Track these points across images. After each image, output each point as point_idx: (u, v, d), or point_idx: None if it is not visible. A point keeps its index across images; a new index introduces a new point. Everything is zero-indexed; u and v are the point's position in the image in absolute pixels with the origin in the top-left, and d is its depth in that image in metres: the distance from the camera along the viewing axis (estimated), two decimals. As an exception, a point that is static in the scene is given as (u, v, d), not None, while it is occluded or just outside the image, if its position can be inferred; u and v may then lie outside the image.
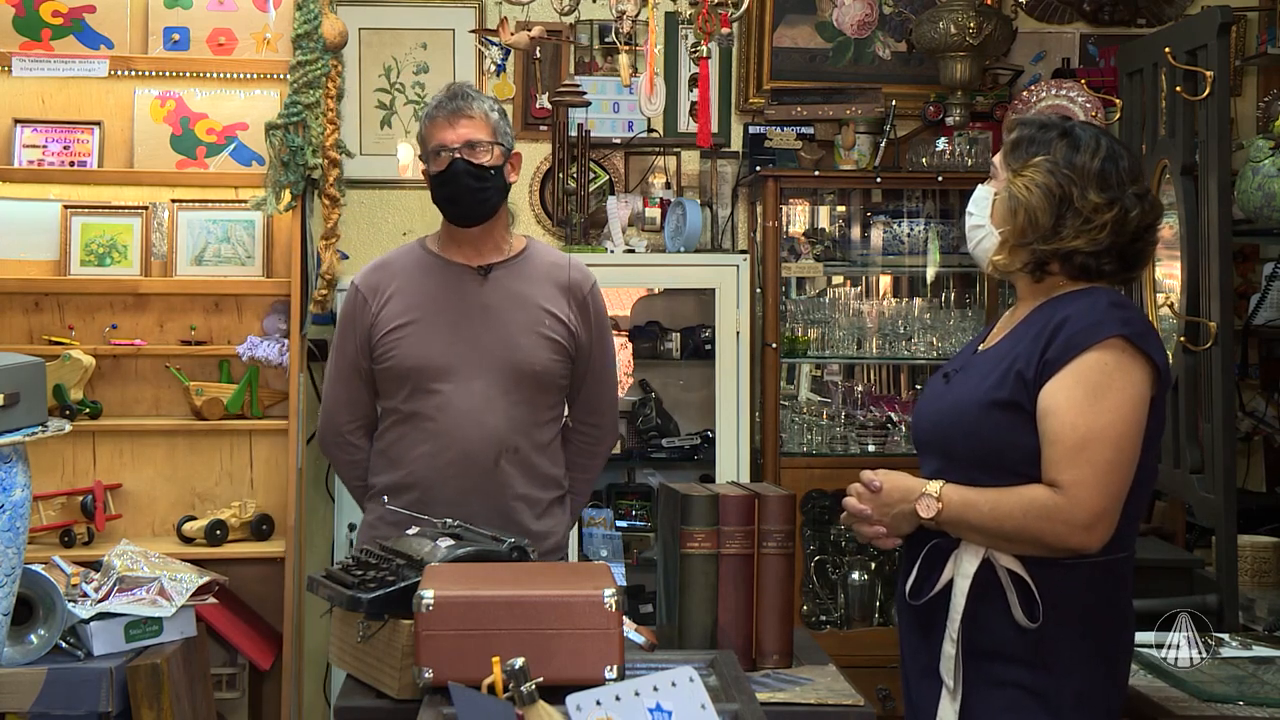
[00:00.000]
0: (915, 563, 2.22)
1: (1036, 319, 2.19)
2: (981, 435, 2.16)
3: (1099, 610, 2.14)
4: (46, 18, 4.05)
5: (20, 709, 2.61)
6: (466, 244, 2.90)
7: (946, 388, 2.29)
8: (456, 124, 2.82)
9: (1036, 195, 2.17)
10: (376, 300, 2.88)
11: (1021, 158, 2.22)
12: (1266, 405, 4.62)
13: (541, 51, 4.47)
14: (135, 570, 2.83)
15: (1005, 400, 2.13)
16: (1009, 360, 2.17)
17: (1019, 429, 2.12)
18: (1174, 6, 4.67)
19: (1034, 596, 2.10)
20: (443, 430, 2.80)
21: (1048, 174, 2.17)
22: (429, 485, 2.79)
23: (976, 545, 2.14)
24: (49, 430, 2.53)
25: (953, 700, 2.16)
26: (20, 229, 4.09)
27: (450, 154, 2.82)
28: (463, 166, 2.81)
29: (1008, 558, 2.12)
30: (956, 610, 2.14)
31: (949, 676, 2.16)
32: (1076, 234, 2.16)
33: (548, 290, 2.90)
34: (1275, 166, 3.59)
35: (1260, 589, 3.66)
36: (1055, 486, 2.07)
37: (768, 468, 4.23)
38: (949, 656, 2.15)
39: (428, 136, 2.87)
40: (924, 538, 2.20)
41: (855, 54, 4.61)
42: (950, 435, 2.21)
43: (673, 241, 4.29)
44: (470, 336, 2.83)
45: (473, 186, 2.82)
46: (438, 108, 2.86)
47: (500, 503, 2.80)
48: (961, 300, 4.48)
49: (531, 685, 1.63)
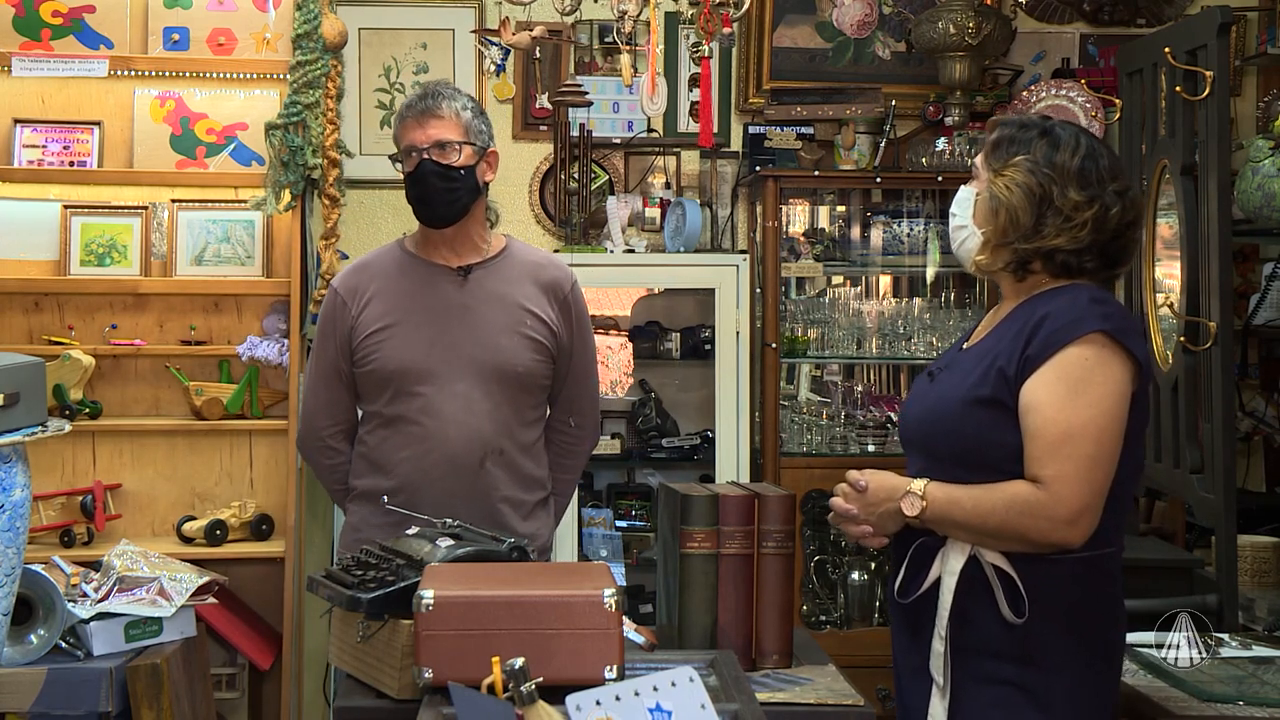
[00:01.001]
0: (903, 562, 2.22)
1: (1018, 316, 2.20)
2: (964, 433, 2.16)
3: (1086, 606, 2.14)
4: (46, 18, 4.05)
5: (20, 709, 2.61)
6: (443, 244, 2.88)
7: (930, 386, 2.30)
8: (426, 124, 2.80)
9: (1017, 195, 2.18)
10: (356, 303, 2.85)
11: (1002, 158, 2.22)
12: (1266, 405, 4.62)
13: (541, 51, 4.47)
14: (135, 570, 2.83)
15: (987, 398, 2.14)
16: (990, 358, 2.17)
17: (1000, 426, 2.13)
18: (1174, 6, 4.67)
19: (1020, 593, 2.10)
20: (427, 433, 2.78)
21: (1028, 173, 2.18)
22: (414, 489, 2.77)
23: (962, 542, 2.15)
24: (49, 430, 2.53)
25: (942, 698, 2.16)
26: (20, 229, 4.09)
27: (419, 154, 2.80)
28: (431, 167, 2.79)
29: (994, 554, 2.12)
30: (944, 608, 2.15)
31: (938, 674, 2.16)
32: (1058, 232, 2.16)
33: (528, 290, 2.88)
34: (1275, 166, 3.59)
35: (1260, 589, 3.66)
36: (1037, 482, 2.07)
37: (767, 468, 4.23)
38: (938, 654, 2.16)
39: (399, 137, 2.86)
40: (911, 536, 2.21)
41: (855, 54, 4.61)
42: (933, 433, 2.22)
43: (672, 241, 4.29)
44: (452, 339, 2.81)
45: (440, 187, 2.80)
46: (409, 108, 2.84)
47: (487, 505, 2.79)
48: (961, 300, 4.48)
49: (531, 685, 1.63)
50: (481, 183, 2.86)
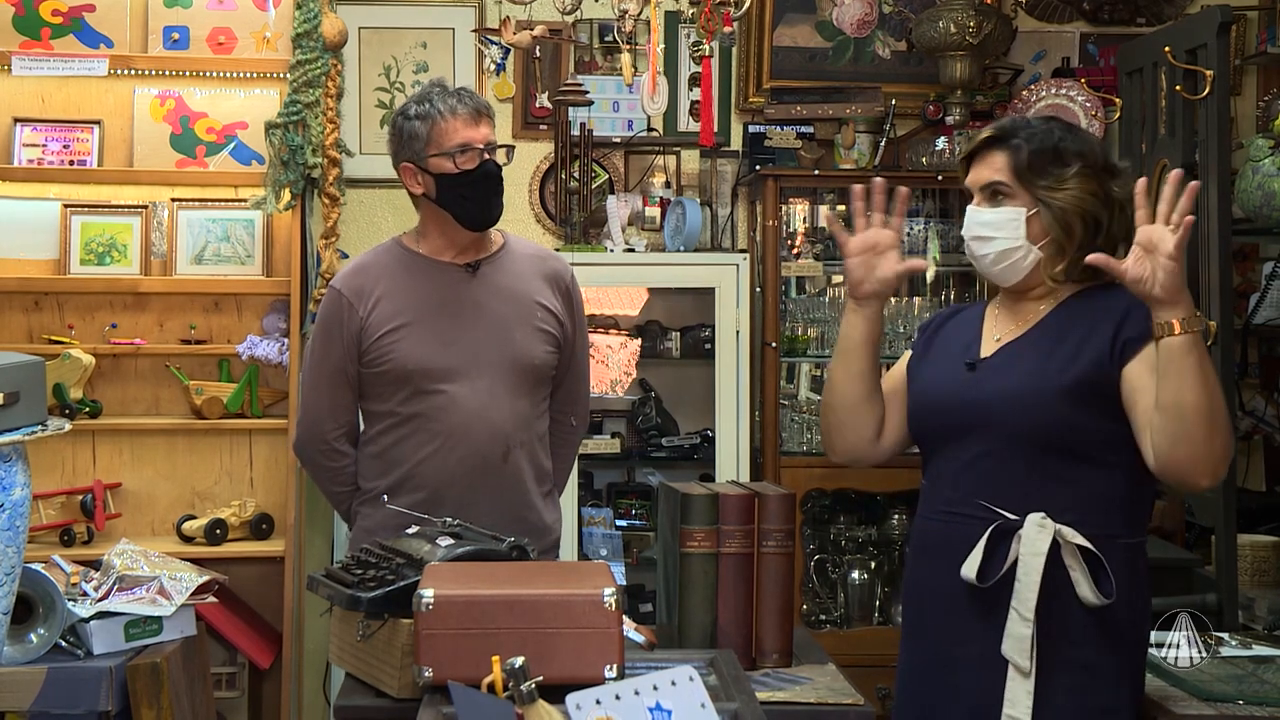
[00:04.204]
0: (968, 546, 2.21)
1: (1079, 308, 2.25)
2: (1050, 419, 2.19)
3: (1140, 589, 2.23)
4: (46, 17, 4.05)
5: (20, 708, 2.61)
6: (453, 243, 2.85)
7: (978, 375, 2.30)
8: (480, 123, 2.78)
9: (1090, 202, 2.24)
10: (364, 304, 2.81)
11: (1050, 172, 2.25)
12: (1266, 405, 4.62)
13: (541, 51, 4.47)
14: (135, 569, 2.83)
15: (1074, 383, 2.17)
16: (1072, 345, 2.20)
17: (1088, 411, 2.17)
18: (1174, 6, 4.67)
19: (1106, 572, 2.14)
20: (448, 430, 2.77)
21: (1091, 178, 2.25)
22: (436, 486, 2.77)
23: (1044, 523, 2.15)
24: (49, 429, 2.52)
25: (1026, 679, 2.15)
26: (20, 228, 4.09)
27: (478, 153, 2.77)
28: (492, 168, 2.79)
29: (1075, 534, 2.15)
30: (1028, 590, 2.15)
31: (1021, 658, 2.15)
32: (1121, 222, 2.24)
33: (535, 283, 2.88)
34: (1275, 166, 3.59)
35: (1260, 588, 3.66)
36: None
37: (767, 467, 4.23)
38: (1022, 638, 2.15)
39: (448, 132, 2.77)
40: (986, 520, 2.21)
41: (855, 53, 4.61)
42: (1009, 419, 2.22)
43: (672, 241, 4.29)
44: (468, 335, 2.80)
45: (497, 189, 2.82)
46: (460, 103, 2.78)
47: (514, 497, 2.80)
48: (961, 300, 4.48)
49: (531, 684, 1.63)
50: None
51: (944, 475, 2.32)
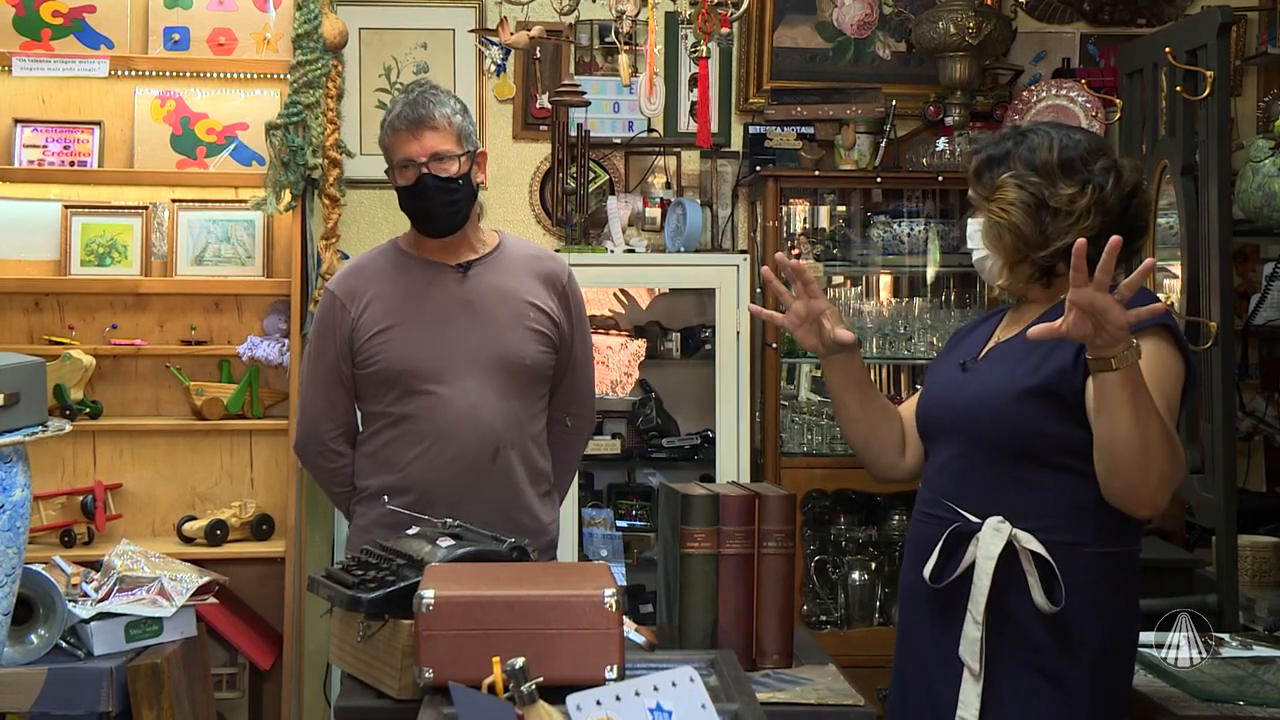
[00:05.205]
0: (934, 547, 2.22)
1: (1061, 314, 2.21)
2: (1013, 422, 2.18)
3: (1113, 600, 2.18)
4: (46, 17, 4.05)
5: (20, 709, 2.61)
6: (440, 245, 2.87)
7: (966, 376, 2.30)
8: (420, 135, 2.75)
9: (1014, 212, 2.22)
10: (355, 305, 2.83)
11: (988, 183, 2.26)
12: (1266, 405, 4.62)
13: (541, 51, 4.47)
14: (135, 570, 2.83)
15: (1037, 388, 2.16)
16: (1044, 350, 2.18)
17: (1049, 417, 2.15)
18: (1174, 6, 4.67)
19: (1057, 580, 2.12)
20: (437, 430, 2.78)
21: (1016, 188, 2.22)
22: (426, 487, 2.77)
23: (999, 527, 2.14)
24: (49, 430, 2.53)
25: (976, 682, 2.16)
26: (20, 229, 4.09)
27: (416, 168, 2.76)
28: (431, 182, 2.76)
29: (1031, 539, 2.14)
30: (980, 593, 2.15)
31: (973, 660, 2.16)
32: (1065, 231, 2.19)
33: (528, 283, 2.88)
34: (1275, 166, 3.59)
35: (1260, 589, 3.66)
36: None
37: (768, 468, 4.23)
38: (973, 640, 2.16)
39: (392, 147, 2.79)
40: (946, 521, 2.22)
41: (855, 54, 4.61)
42: (977, 421, 2.22)
43: (673, 241, 4.29)
44: (457, 335, 2.80)
45: (442, 200, 2.78)
46: (399, 117, 2.77)
47: (506, 497, 2.80)
48: (961, 300, 4.48)
49: (531, 685, 1.63)
50: (475, 186, 2.85)
51: (927, 476, 2.36)
